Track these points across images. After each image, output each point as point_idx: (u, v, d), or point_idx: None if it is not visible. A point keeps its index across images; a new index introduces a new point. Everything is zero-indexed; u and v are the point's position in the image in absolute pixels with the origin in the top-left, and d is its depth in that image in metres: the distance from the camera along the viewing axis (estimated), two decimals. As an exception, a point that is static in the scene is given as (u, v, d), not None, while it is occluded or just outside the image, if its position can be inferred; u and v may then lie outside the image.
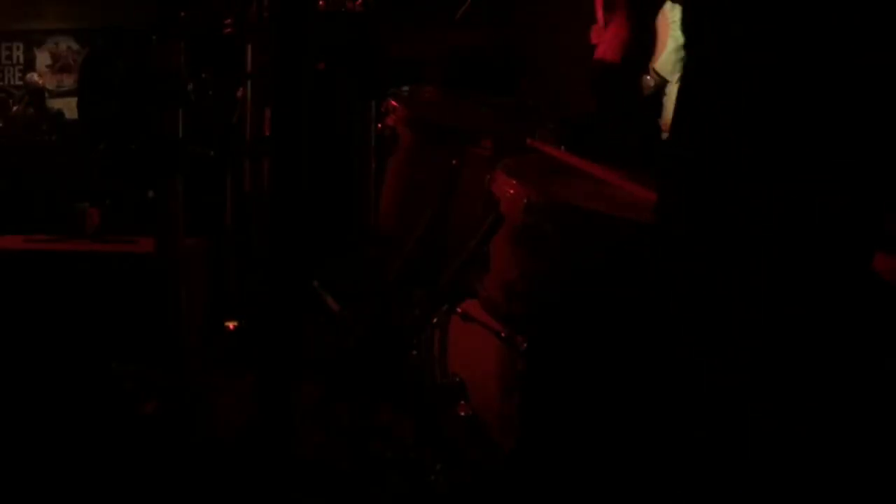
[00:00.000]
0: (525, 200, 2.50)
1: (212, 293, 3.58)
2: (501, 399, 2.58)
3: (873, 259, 1.68)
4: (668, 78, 3.41)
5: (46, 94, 8.57)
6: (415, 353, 2.80)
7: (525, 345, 2.52)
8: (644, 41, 3.24)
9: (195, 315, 3.33)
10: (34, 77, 8.66)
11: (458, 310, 2.73)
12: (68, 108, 8.61)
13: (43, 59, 9.11)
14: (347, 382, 2.79)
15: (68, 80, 8.75)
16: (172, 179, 3.40)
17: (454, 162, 2.88)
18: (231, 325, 3.32)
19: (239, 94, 3.83)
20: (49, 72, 8.82)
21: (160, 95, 3.38)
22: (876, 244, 1.67)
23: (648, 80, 3.39)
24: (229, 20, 3.61)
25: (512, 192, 2.57)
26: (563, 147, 2.83)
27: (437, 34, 3.50)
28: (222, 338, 3.39)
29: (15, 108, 8.31)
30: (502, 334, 2.58)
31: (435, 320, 2.78)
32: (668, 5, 3.38)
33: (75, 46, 8.52)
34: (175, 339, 3.07)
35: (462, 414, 2.67)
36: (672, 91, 3.36)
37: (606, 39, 3.24)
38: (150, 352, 3.02)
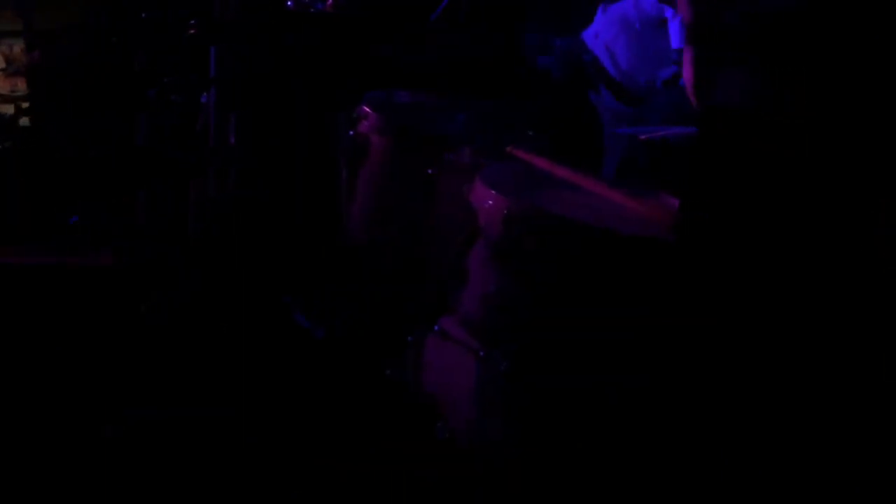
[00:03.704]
0: (505, 212, 2.45)
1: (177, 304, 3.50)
2: (480, 421, 2.50)
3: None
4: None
5: (-2, 99, 8.40)
6: (388, 372, 2.72)
7: (505, 364, 2.45)
8: None
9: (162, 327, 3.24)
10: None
11: (436, 327, 2.65)
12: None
13: (-5, 62, 8.94)
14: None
15: (23, 85, 8.58)
16: (135, 188, 3.36)
17: (430, 171, 2.82)
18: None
19: (203, 99, 3.74)
20: (2, 76, 8.65)
21: (120, 100, 3.32)
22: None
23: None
24: (193, 21, 3.52)
25: (491, 202, 2.52)
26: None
27: (415, 35, 3.46)
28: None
29: None
30: (481, 353, 2.51)
31: (411, 338, 2.70)
32: None
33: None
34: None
35: (440, 437, 2.58)
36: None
37: None
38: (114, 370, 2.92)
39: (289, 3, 3.32)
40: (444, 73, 3.51)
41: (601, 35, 3.46)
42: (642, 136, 2.90)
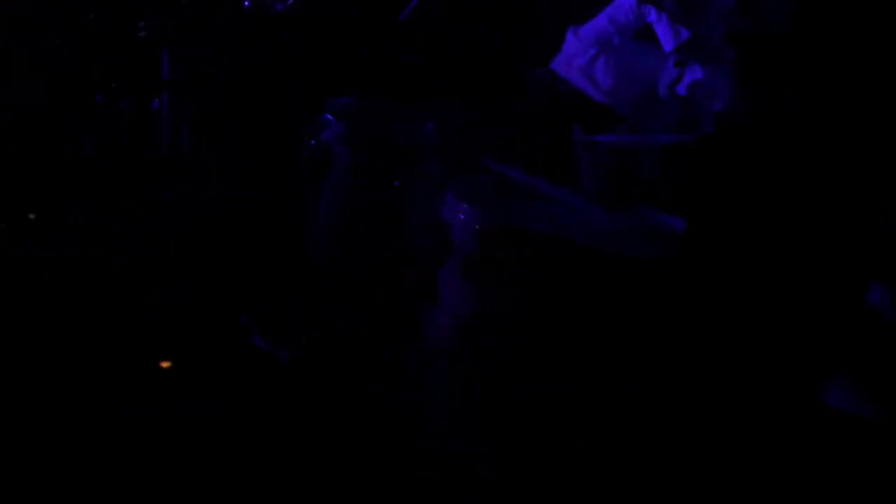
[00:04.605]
0: (477, 226, 2.44)
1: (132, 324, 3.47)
2: (462, 438, 2.48)
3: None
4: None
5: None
6: (372, 388, 2.69)
7: (479, 385, 2.43)
8: None
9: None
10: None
11: (411, 344, 2.63)
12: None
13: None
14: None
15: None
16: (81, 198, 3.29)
17: (397, 183, 2.80)
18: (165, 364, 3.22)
19: (154, 105, 3.70)
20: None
21: (65, 107, 3.23)
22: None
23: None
24: (143, 23, 3.46)
25: (463, 217, 2.50)
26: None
27: (383, 36, 3.42)
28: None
29: None
30: (455, 375, 2.49)
31: (387, 355, 2.70)
32: None
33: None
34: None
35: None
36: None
37: None
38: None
39: (246, 3, 3.27)
40: (416, 75, 3.47)
41: (575, 60, 3.37)
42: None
